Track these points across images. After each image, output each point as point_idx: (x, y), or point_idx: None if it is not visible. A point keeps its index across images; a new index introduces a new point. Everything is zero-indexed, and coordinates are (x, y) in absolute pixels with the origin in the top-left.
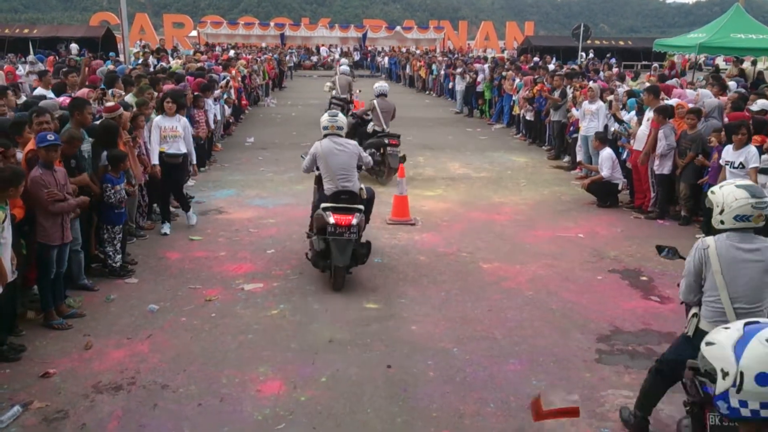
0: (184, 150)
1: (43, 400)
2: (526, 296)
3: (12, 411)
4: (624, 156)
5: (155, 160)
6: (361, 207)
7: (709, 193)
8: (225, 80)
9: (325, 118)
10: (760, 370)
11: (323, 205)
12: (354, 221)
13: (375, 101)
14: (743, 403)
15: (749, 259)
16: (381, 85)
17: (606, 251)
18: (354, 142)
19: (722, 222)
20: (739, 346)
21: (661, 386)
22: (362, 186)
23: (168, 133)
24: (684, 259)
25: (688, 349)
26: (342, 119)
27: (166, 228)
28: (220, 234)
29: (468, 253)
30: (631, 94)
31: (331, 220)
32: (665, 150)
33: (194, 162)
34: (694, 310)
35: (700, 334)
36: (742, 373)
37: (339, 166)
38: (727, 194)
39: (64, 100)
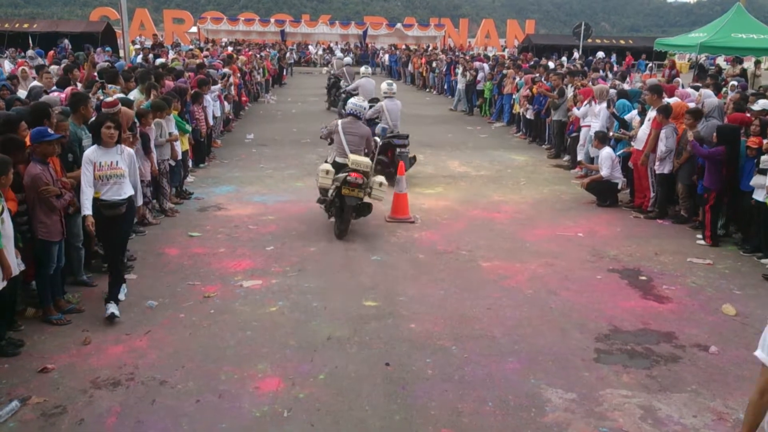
0: (129, 193)
1: (41, 395)
2: (526, 295)
3: (10, 406)
4: (617, 151)
5: (87, 209)
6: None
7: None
8: (226, 75)
9: (384, 86)
10: None
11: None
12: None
13: (383, 103)
14: None
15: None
16: (388, 85)
17: (605, 250)
18: (399, 102)
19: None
20: None
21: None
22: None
23: (105, 172)
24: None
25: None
26: (395, 87)
27: (112, 308)
28: (220, 230)
29: (467, 251)
30: (623, 93)
31: (379, 140)
32: (663, 154)
33: (140, 203)
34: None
35: (335, 163)
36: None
37: (395, 114)
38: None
39: (59, 94)
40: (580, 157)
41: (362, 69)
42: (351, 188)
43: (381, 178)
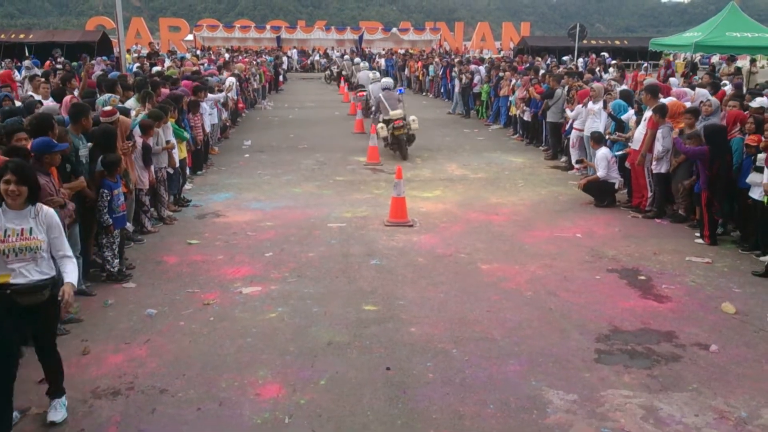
0: (47, 273)
1: (41, 406)
2: (525, 297)
3: None
4: (614, 151)
5: None
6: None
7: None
8: (230, 83)
9: (371, 74)
10: None
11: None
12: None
13: (380, 95)
14: None
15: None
16: (374, 74)
17: (604, 251)
18: (380, 82)
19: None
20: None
21: None
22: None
23: (12, 243)
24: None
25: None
26: (378, 75)
27: (55, 413)
28: (218, 237)
29: (466, 254)
30: (625, 94)
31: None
32: (660, 153)
33: (74, 281)
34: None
35: (384, 120)
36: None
37: (373, 88)
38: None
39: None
40: (573, 158)
41: (362, 65)
42: (398, 129)
43: (413, 117)
